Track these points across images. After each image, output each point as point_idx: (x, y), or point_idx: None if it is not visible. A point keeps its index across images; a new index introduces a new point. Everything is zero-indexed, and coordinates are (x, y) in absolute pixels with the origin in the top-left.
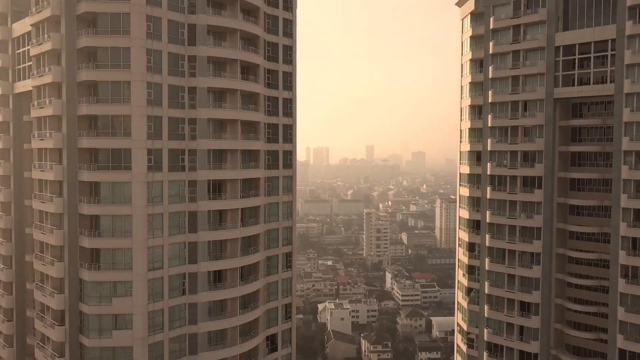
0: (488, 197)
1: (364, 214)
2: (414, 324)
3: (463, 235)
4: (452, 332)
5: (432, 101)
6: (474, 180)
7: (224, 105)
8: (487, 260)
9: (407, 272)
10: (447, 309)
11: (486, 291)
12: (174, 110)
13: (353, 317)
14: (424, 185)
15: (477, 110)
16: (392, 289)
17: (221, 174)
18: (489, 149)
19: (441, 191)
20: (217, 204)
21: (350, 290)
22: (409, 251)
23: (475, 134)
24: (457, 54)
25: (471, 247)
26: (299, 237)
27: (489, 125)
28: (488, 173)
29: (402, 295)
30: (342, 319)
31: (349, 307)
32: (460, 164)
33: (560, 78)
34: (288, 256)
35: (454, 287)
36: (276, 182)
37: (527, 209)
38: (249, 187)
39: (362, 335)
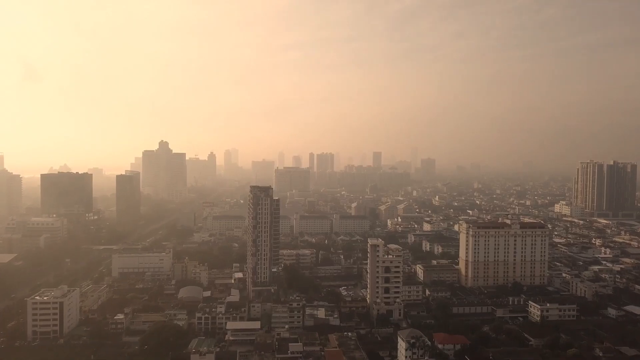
0: None
1: (369, 246)
2: None
3: None
4: None
5: (441, 106)
6: None
7: None
8: None
9: (428, 339)
10: None
11: None
12: None
13: None
14: (436, 196)
15: None
16: None
17: None
18: None
19: (455, 204)
20: None
21: None
22: (427, 292)
23: None
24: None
25: None
26: (285, 270)
27: None
28: None
29: None
30: None
31: None
32: None
33: None
34: None
35: None
36: None
37: None
38: None
39: None
